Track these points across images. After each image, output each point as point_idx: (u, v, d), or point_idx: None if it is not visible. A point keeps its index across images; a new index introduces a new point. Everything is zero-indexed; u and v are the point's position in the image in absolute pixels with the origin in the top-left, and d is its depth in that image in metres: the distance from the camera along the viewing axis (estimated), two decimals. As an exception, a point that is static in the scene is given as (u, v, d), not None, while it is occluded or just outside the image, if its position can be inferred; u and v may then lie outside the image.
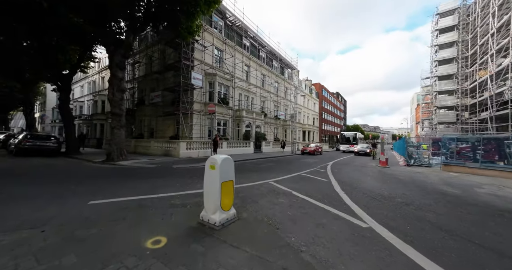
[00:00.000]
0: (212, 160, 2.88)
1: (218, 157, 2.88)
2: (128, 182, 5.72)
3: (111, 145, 10.47)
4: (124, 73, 10.74)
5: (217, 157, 2.88)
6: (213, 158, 2.89)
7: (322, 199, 4.36)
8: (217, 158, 2.86)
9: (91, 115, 26.66)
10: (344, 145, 30.67)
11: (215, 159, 2.86)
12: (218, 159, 2.84)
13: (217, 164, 2.81)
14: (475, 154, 10.44)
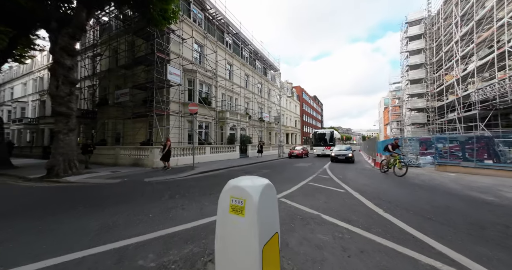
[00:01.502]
0: (236, 191, 1.28)
1: (249, 186, 1.29)
2: (62, 215, 3.65)
3: (55, 155, 7.82)
4: (75, 62, 8.25)
5: (246, 186, 1.29)
6: (237, 188, 1.28)
7: (371, 227, 3.04)
8: (248, 188, 1.29)
9: (37, 118, 21.85)
10: (319, 146, 22.01)
11: (243, 190, 1.26)
12: (250, 191, 1.26)
13: (250, 204, 1.23)
14: (464, 152, 10.55)
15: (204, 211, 3.81)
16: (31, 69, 26.25)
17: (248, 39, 23.83)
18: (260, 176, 6.22)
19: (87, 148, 10.86)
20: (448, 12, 21.74)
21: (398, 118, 47.84)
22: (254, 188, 1.25)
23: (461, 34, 18.85)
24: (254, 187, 1.25)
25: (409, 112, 29.82)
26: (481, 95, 15.80)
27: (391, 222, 3.24)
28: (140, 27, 13.50)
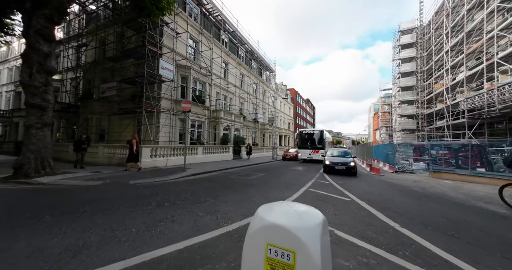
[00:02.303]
0: (277, 235, 0.77)
1: (300, 227, 0.78)
2: (21, 229, 2.94)
3: (25, 153, 6.86)
4: (53, 48, 7.33)
5: (296, 227, 0.77)
6: (279, 230, 0.73)
7: (395, 248, 2.64)
8: (301, 232, 0.75)
9: (11, 111, 19.98)
10: (304, 149, 17.47)
11: (291, 235, 0.74)
12: (304, 237, 0.74)
13: (305, 260, 0.72)
14: (457, 160, 10.67)
15: (198, 224, 3.25)
16: (7, 58, 24.12)
17: (244, 38, 23.37)
18: (257, 180, 5.72)
19: (80, 144, 9.37)
20: (439, 22, 22.57)
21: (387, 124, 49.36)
22: (309, 231, 0.74)
23: (451, 45, 19.55)
24: (309, 230, 0.73)
25: (400, 119, 30.65)
26: (469, 104, 16.35)
27: (414, 240, 2.86)
28: (131, 17, 12.60)
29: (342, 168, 9.76)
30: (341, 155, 11.74)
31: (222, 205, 4.32)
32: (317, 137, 17.43)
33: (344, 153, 12.06)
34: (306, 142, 17.68)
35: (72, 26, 18.15)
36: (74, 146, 9.41)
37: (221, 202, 4.57)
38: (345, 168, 9.69)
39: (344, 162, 9.94)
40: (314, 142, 17.37)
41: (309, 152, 17.04)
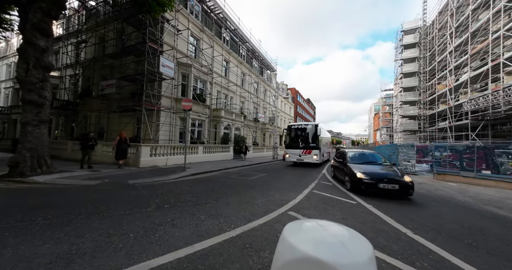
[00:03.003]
0: None
1: (344, 264, 0.55)
2: (11, 233, 2.77)
3: (20, 151, 6.67)
4: (50, 44, 7.12)
5: (339, 263, 0.55)
6: (317, 264, 0.52)
7: (412, 259, 2.47)
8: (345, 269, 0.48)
9: (9, 107, 19.76)
10: (293, 150, 13.60)
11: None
12: None
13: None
14: (461, 162, 10.51)
15: (200, 229, 3.07)
16: (5, 54, 23.85)
17: (246, 36, 23.12)
18: (258, 181, 5.49)
19: (87, 142, 8.71)
20: (443, 22, 22.33)
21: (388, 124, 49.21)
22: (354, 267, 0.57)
23: (455, 45, 19.34)
24: (359, 268, 0.56)
25: (401, 119, 30.48)
26: (473, 105, 16.17)
27: (430, 249, 2.68)
28: (131, 13, 12.37)
29: (392, 187, 5.35)
30: (375, 160, 7.25)
31: (224, 208, 4.15)
32: (311, 132, 13.19)
33: (376, 157, 7.59)
34: (296, 140, 13.57)
35: (72, 22, 17.89)
36: (81, 144, 8.79)
37: (223, 205, 4.39)
38: (399, 187, 5.33)
39: (392, 177, 5.58)
40: (306, 139, 13.22)
41: (299, 152, 12.93)
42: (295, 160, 13.13)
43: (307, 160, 12.80)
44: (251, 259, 2.31)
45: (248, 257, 2.35)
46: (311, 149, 12.87)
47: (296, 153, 13.13)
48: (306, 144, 13.23)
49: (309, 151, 12.87)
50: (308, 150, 12.96)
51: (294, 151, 13.24)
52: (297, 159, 13.04)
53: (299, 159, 12.99)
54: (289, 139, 14.01)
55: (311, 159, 12.69)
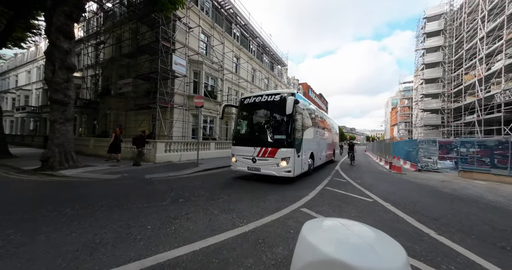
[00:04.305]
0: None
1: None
2: (43, 222, 3.01)
3: (50, 147, 7.24)
4: (73, 45, 7.53)
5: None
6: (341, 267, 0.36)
7: (437, 261, 2.31)
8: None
9: (40, 107, 21.47)
10: (242, 148, 6.55)
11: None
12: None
13: None
14: (492, 159, 9.63)
15: (213, 223, 3.12)
16: (35, 57, 25.78)
17: (256, 31, 22.75)
18: (269, 176, 5.23)
19: (142, 140, 8.79)
20: (474, 6, 20.23)
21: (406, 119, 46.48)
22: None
23: (487, 30, 17.48)
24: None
25: (422, 113, 28.56)
26: (507, 96, 14.65)
27: (458, 252, 2.49)
28: (145, 13, 12.68)
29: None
30: None
31: (237, 203, 4.19)
32: (278, 111, 6.47)
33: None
34: (249, 128, 7.46)
35: (91, 24, 18.78)
36: (136, 143, 8.85)
37: (236, 200, 4.43)
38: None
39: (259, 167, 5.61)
40: (267, 125, 6.72)
41: (252, 153, 6.42)
42: (246, 169, 6.42)
43: (266, 170, 6.10)
44: (264, 254, 2.31)
45: (261, 252, 2.35)
46: (276, 146, 6.05)
47: (247, 154, 6.42)
48: (266, 134, 6.43)
49: (272, 150, 6.05)
50: (269, 148, 6.13)
51: (244, 150, 6.54)
52: (248, 167, 6.36)
53: (252, 167, 6.31)
54: (238, 127, 7.45)
55: (275, 169, 5.97)
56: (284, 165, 5.89)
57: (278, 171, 5.93)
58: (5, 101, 28.56)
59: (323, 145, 10.26)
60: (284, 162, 5.90)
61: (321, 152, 9.72)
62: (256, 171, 6.28)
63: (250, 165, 6.33)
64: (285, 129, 6.13)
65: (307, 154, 7.28)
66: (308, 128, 7.68)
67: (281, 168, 5.90)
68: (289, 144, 5.98)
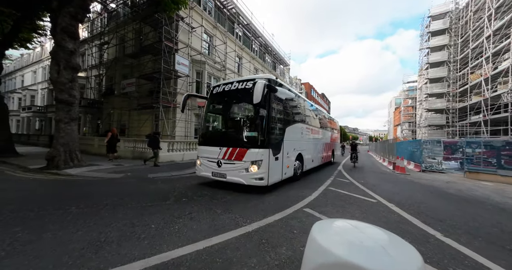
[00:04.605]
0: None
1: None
2: (49, 220, 3.05)
3: (55, 146, 7.34)
4: (77, 46, 7.62)
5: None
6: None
7: (444, 264, 2.27)
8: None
9: (45, 107, 21.79)
10: (208, 149, 5.37)
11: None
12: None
13: None
14: (499, 159, 9.46)
15: (217, 223, 3.13)
16: (41, 58, 26.16)
17: (259, 31, 22.72)
18: None
19: (157, 142, 8.74)
20: (480, 4, 19.89)
21: (410, 119, 46.00)
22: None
23: (494, 29, 17.17)
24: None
25: (426, 113, 28.20)
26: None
27: (465, 254, 2.45)
28: (148, 13, 12.77)
29: None
30: None
31: (239, 203, 4.19)
32: (249, 102, 4.73)
33: None
34: (217, 124, 6.97)
35: (95, 25, 18.98)
36: (150, 144, 8.74)
37: (238, 199, 4.43)
38: None
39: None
40: (238, 119, 5.90)
41: (217, 154, 5.10)
42: (210, 174, 5.28)
43: (232, 176, 4.95)
44: (268, 254, 2.30)
45: (265, 252, 2.34)
46: (245, 146, 4.90)
47: (212, 156, 5.27)
48: (234, 131, 5.64)
49: (240, 150, 4.90)
50: (236, 148, 4.95)
51: (209, 151, 5.40)
52: (212, 173, 5.24)
53: (216, 173, 5.18)
54: (205, 123, 6.40)
55: (244, 175, 4.82)
56: (254, 170, 4.66)
57: (247, 178, 4.69)
58: (11, 101, 29.05)
59: (317, 145, 8.95)
60: (255, 166, 4.66)
61: (314, 153, 8.42)
62: (221, 178, 4.98)
63: (215, 169, 5.08)
64: (257, 125, 4.90)
65: (291, 155, 6.02)
66: (294, 124, 6.39)
67: (251, 174, 4.66)
68: (262, 143, 4.73)
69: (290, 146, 5.92)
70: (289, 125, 5.98)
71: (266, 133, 4.81)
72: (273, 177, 5.01)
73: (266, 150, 4.77)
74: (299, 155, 6.65)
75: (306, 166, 7.37)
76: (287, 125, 5.88)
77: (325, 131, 10.58)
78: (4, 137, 10.68)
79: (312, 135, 8.33)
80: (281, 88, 5.40)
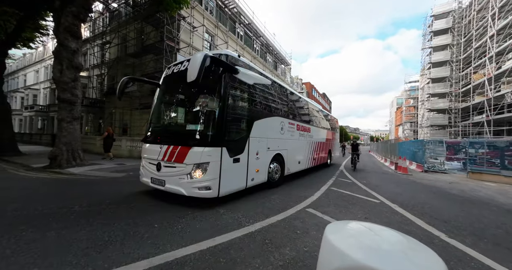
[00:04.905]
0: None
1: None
2: (53, 219, 3.05)
3: (58, 145, 7.37)
4: (80, 45, 7.63)
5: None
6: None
7: (449, 265, 2.25)
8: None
9: (47, 106, 21.91)
10: (150, 145, 4.27)
11: None
12: None
13: None
14: (503, 160, 9.39)
15: (219, 222, 3.12)
16: (43, 57, 26.28)
17: (260, 30, 22.70)
18: None
19: None
20: (483, 3, 19.72)
21: (412, 119, 45.77)
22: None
23: (498, 28, 17.02)
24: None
25: (428, 113, 28.04)
26: (518, 96, 14.25)
27: (471, 256, 2.43)
28: (150, 13, 12.79)
29: None
30: None
31: (242, 202, 4.18)
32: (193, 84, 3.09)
33: None
34: (162, 115, 4.90)
35: (97, 24, 19.03)
36: None
37: (240, 199, 4.42)
38: None
39: None
40: (181, 110, 4.69)
41: (157, 155, 3.92)
42: (150, 181, 4.12)
43: (171, 184, 3.74)
44: (271, 255, 2.29)
45: (269, 253, 2.33)
46: (187, 144, 3.68)
47: (153, 156, 4.08)
48: (176, 123, 4.66)
49: (182, 150, 3.68)
50: (178, 146, 3.76)
51: (150, 150, 4.28)
52: (151, 179, 4.07)
53: (155, 179, 3.99)
54: (153, 114, 4.94)
55: (184, 183, 3.61)
56: (198, 177, 3.50)
57: (188, 187, 3.52)
58: (14, 101, 29.24)
59: (306, 144, 7.72)
60: (199, 170, 3.50)
61: (301, 154, 7.31)
62: (160, 186, 3.82)
63: (155, 174, 3.94)
64: (206, 116, 3.80)
65: (263, 156, 4.89)
66: (270, 117, 5.27)
67: (194, 182, 3.49)
68: (212, 140, 3.57)
69: (261, 144, 4.82)
70: (260, 119, 4.79)
71: (217, 126, 3.62)
72: (229, 184, 3.84)
73: (217, 149, 3.59)
74: (278, 156, 5.61)
75: (289, 169, 6.29)
76: (257, 119, 4.68)
77: (318, 129, 9.34)
78: (7, 136, 10.74)
79: (299, 132, 7.12)
80: (245, 70, 4.31)
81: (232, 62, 4.08)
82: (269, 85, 5.54)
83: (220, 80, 3.76)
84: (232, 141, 4.00)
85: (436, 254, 0.58)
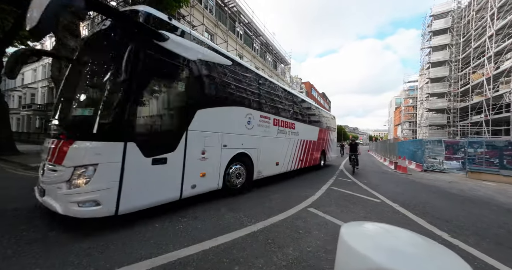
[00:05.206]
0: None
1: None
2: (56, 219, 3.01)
3: (57, 145, 7.28)
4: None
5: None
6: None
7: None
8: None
9: (45, 105, 21.75)
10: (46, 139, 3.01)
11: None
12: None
13: None
14: (502, 159, 9.46)
15: (221, 222, 3.11)
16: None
17: (260, 29, 22.65)
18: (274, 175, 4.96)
19: None
20: (483, 3, 19.79)
21: (411, 119, 45.97)
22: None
23: (496, 28, 17.10)
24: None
25: (427, 113, 28.17)
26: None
27: (475, 256, 2.43)
28: (149, 11, 12.68)
29: None
30: None
31: (243, 202, 4.17)
32: (99, 51, 3.09)
33: None
34: (56, 103, 3.42)
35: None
36: None
37: (242, 199, 4.42)
38: None
39: None
40: (81, 94, 3.00)
41: (46, 152, 2.90)
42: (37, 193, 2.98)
43: (49, 197, 2.63)
44: (274, 255, 2.28)
45: (272, 253, 2.32)
46: (71, 137, 2.57)
47: (44, 154, 3.01)
48: (69, 109, 3.00)
49: (63, 146, 2.55)
50: (60, 141, 2.65)
51: (45, 149, 3.05)
52: (37, 187, 3.04)
53: (39, 187, 2.93)
54: None
55: (61, 195, 2.46)
56: (80, 185, 2.43)
57: (64, 201, 2.46)
58: (11, 99, 28.99)
59: (287, 143, 6.64)
60: (82, 178, 2.43)
61: (281, 154, 6.31)
62: (40, 196, 2.85)
63: (40, 180, 2.95)
64: (99, 95, 2.68)
65: (215, 156, 4.01)
66: (227, 106, 4.27)
67: (73, 194, 2.44)
68: (106, 130, 2.51)
69: (210, 140, 3.85)
70: (206, 107, 3.78)
71: (118, 111, 2.52)
72: (140, 196, 2.84)
73: (112, 145, 2.50)
74: (243, 156, 4.69)
75: (261, 172, 5.34)
76: (202, 107, 3.68)
77: (307, 126, 8.11)
78: (5, 135, 10.63)
79: (277, 127, 6.03)
80: (181, 39, 3.37)
81: (156, 24, 2.98)
82: (230, 67, 4.42)
83: (128, 45, 2.60)
84: (150, 134, 2.92)
85: (461, 258, 0.57)
